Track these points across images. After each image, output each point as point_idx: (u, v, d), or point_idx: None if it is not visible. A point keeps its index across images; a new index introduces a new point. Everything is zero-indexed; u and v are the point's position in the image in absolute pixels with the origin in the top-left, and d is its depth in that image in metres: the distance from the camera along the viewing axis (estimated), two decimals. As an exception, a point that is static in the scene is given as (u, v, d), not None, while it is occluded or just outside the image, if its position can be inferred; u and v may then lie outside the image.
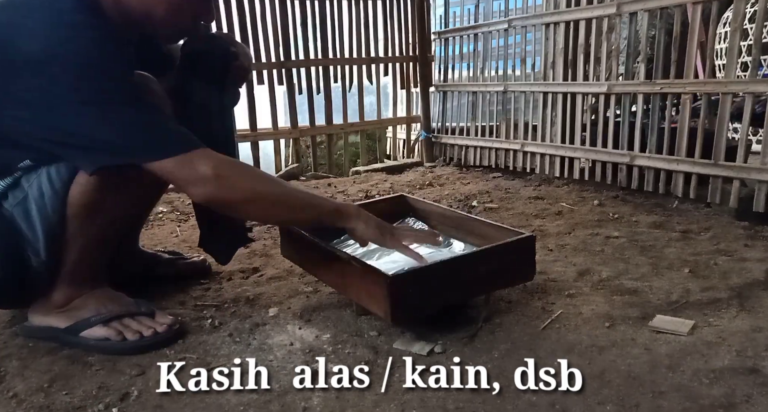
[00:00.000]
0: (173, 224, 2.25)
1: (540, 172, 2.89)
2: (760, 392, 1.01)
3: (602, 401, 1.00)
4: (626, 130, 2.42)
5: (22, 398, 1.07)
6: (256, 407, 1.02)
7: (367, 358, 1.17)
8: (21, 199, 1.15)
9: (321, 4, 3.46)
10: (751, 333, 1.21)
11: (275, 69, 3.36)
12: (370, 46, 3.69)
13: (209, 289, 1.57)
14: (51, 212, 1.15)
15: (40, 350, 1.24)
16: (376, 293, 1.18)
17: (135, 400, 1.06)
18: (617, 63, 2.46)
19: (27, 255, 1.17)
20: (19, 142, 1.09)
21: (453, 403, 1.01)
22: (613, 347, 1.18)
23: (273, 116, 3.40)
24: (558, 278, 1.56)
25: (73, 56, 1.00)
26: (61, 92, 1.01)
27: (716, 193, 2.10)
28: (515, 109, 3.03)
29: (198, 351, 1.22)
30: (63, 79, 1.01)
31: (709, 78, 2.26)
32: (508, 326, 1.29)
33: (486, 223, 1.50)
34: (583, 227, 2.00)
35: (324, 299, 1.47)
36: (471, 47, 3.29)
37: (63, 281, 1.24)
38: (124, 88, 1.07)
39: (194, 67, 1.32)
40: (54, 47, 1.00)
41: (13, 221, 1.15)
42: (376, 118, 3.94)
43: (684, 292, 1.43)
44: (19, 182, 1.15)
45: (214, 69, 1.32)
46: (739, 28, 2.00)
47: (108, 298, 1.29)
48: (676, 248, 1.75)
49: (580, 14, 2.57)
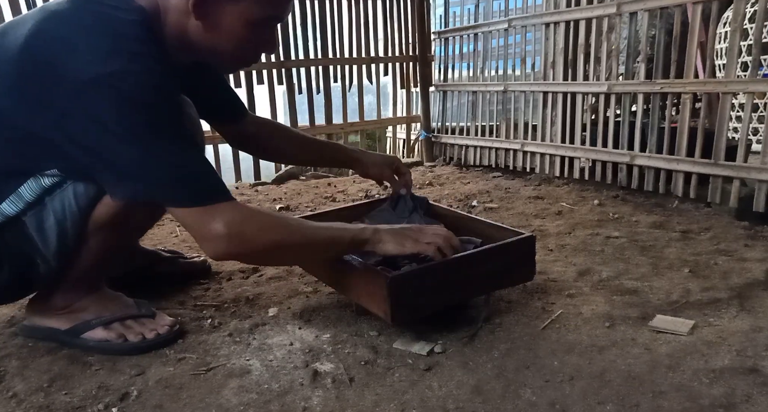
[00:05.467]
0: (173, 224, 2.25)
1: (540, 172, 2.89)
2: (760, 392, 1.01)
3: (602, 401, 1.00)
4: (626, 130, 2.42)
5: (21, 397, 1.07)
6: (256, 407, 1.02)
7: (367, 358, 1.17)
8: (37, 209, 1.13)
9: (321, 4, 3.46)
10: (751, 333, 1.21)
11: (275, 69, 3.36)
12: (370, 45, 3.69)
13: (209, 289, 1.57)
14: (70, 226, 1.14)
15: (39, 349, 1.24)
16: (376, 293, 1.18)
17: (135, 400, 1.06)
18: (617, 63, 2.46)
19: (36, 261, 1.16)
20: (52, 152, 1.07)
21: (453, 403, 1.01)
22: (613, 347, 1.18)
23: (273, 116, 3.40)
24: (558, 278, 1.56)
25: (127, 87, 0.97)
26: (108, 116, 0.98)
27: (716, 193, 2.10)
28: (515, 109, 3.03)
29: (198, 351, 1.22)
30: (113, 105, 0.98)
31: (709, 78, 2.26)
32: (508, 326, 1.29)
33: (486, 223, 1.50)
34: (583, 227, 2.00)
35: (324, 299, 1.47)
36: (471, 47, 3.29)
37: (67, 285, 1.24)
38: (172, 126, 1.04)
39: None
40: (108, 75, 0.97)
41: (24, 228, 1.14)
42: (375, 118, 3.94)
43: (684, 292, 1.43)
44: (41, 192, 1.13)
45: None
46: (739, 28, 2.00)
47: (108, 300, 1.29)
48: (676, 248, 1.75)
49: (580, 14, 2.57)
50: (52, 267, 1.18)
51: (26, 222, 1.14)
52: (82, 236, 1.17)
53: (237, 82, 3.23)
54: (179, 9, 1.07)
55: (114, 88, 0.97)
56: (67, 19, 1.03)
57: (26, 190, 1.11)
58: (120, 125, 0.99)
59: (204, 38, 1.10)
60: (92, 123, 0.99)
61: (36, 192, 1.12)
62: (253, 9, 1.07)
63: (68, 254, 1.18)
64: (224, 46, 1.11)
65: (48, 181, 1.11)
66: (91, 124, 0.99)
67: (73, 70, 0.97)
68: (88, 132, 1.00)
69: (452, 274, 1.23)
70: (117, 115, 0.98)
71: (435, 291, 1.21)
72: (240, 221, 1.06)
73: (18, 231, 1.14)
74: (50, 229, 1.14)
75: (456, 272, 1.23)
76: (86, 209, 1.14)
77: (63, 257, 1.18)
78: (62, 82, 0.98)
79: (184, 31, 1.10)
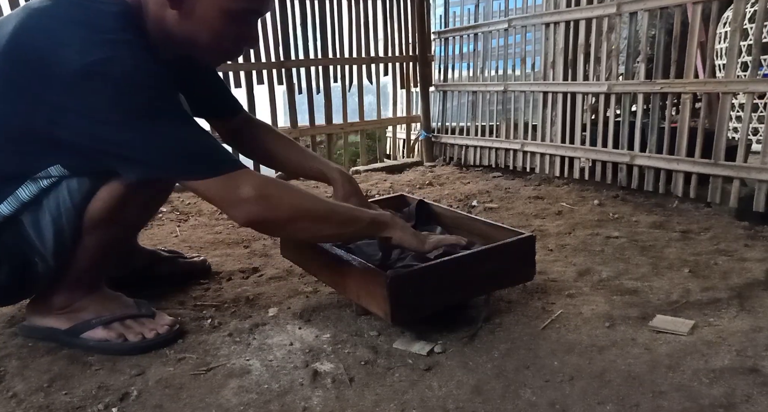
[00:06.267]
0: (173, 224, 2.25)
1: (540, 172, 2.89)
2: (760, 392, 1.01)
3: (602, 401, 1.00)
4: (626, 130, 2.42)
5: (21, 397, 1.07)
6: (256, 407, 1.02)
7: (367, 358, 1.17)
8: (33, 208, 1.14)
9: (321, 4, 3.45)
10: (751, 333, 1.21)
11: (275, 69, 3.35)
12: (370, 45, 3.69)
13: (209, 289, 1.57)
14: (66, 223, 1.14)
15: (39, 349, 1.24)
16: (376, 293, 1.18)
17: (135, 400, 1.06)
18: (617, 63, 2.46)
19: (34, 260, 1.17)
20: (54, 146, 1.07)
21: (453, 403, 1.01)
22: (613, 347, 1.18)
23: (273, 116, 3.39)
24: (558, 278, 1.56)
25: (119, 73, 0.98)
26: (104, 104, 0.99)
27: (716, 192, 2.10)
28: (515, 109, 3.03)
29: (198, 351, 1.22)
30: (107, 92, 0.98)
31: (709, 78, 2.26)
32: (508, 326, 1.29)
33: (486, 223, 1.50)
34: (583, 227, 2.00)
35: (324, 299, 1.47)
36: (471, 47, 3.29)
37: (66, 285, 1.24)
38: (169, 105, 1.06)
39: None
40: (97, 64, 0.98)
41: (22, 227, 1.15)
42: (375, 118, 3.93)
43: (684, 292, 1.43)
44: (38, 192, 1.13)
45: None
46: (739, 28, 2.00)
47: (108, 299, 1.29)
48: (676, 248, 1.75)
49: (580, 14, 2.57)
50: (50, 266, 1.18)
51: (23, 221, 1.14)
52: (78, 233, 1.17)
53: (237, 82, 3.23)
54: (156, 0, 1.09)
55: (105, 75, 0.98)
56: (51, 14, 1.04)
57: (23, 192, 1.12)
58: (118, 110, 1.00)
59: (181, 29, 1.11)
60: (91, 111, 1.00)
61: (33, 192, 1.12)
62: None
63: (66, 252, 1.18)
64: (201, 37, 1.12)
65: (45, 182, 1.12)
66: (90, 112, 1.00)
67: (63, 63, 0.98)
68: (89, 121, 1.01)
69: (452, 274, 1.23)
70: (113, 100, 0.99)
71: (435, 291, 1.21)
72: (265, 184, 1.09)
73: (15, 231, 1.14)
74: (46, 227, 1.14)
75: (456, 272, 1.23)
76: (81, 204, 1.14)
77: (61, 256, 1.18)
78: (54, 76, 0.99)
79: (163, 23, 1.11)
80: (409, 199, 1.74)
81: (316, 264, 1.43)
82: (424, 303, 1.21)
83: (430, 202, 1.69)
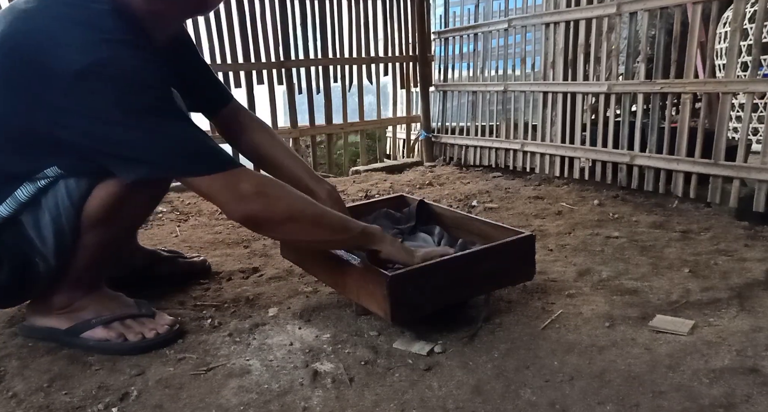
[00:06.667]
0: (173, 224, 2.25)
1: (540, 172, 2.89)
2: (760, 392, 1.01)
3: (602, 401, 1.00)
4: (626, 130, 2.42)
5: (21, 397, 1.07)
6: (256, 407, 1.02)
7: (367, 358, 1.17)
8: (32, 208, 1.14)
9: (321, 4, 3.46)
10: (751, 333, 1.21)
11: (275, 69, 3.35)
12: (370, 45, 3.69)
13: (209, 289, 1.57)
14: (65, 222, 1.15)
15: (39, 349, 1.24)
16: (376, 293, 1.18)
17: (135, 400, 1.06)
18: (617, 63, 2.46)
19: (35, 261, 1.17)
20: (54, 146, 1.08)
21: (453, 403, 1.01)
22: (613, 347, 1.18)
23: (273, 116, 3.40)
24: (558, 278, 1.56)
25: (119, 74, 0.99)
26: (105, 104, 1.00)
27: (716, 192, 2.10)
28: (515, 109, 3.03)
29: (198, 351, 1.22)
30: (107, 92, 0.99)
31: (709, 78, 2.26)
32: (508, 326, 1.29)
33: (486, 222, 1.50)
34: (583, 227, 2.00)
35: (324, 299, 1.47)
36: (471, 47, 3.29)
37: (66, 285, 1.24)
38: (169, 104, 1.07)
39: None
40: (97, 64, 0.98)
41: (22, 227, 1.15)
42: (375, 118, 3.93)
43: (684, 292, 1.43)
44: (35, 192, 1.13)
45: None
46: (739, 28, 2.00)
47: (108, 299, 1.29)
48: (676, 248, 1.75)
49: (580, 14, 2.57)
50: (51, 266, 1.18)
51: (23, 222, 1.14)
52: (78, 232, 1.17)
53: (237, 82, 3.23)
54: None
55: (106, 76, 0.99)
56: (42, 15, 1.03)
57: (22, 192, 1.12)
58: (119, 110, 1.00)
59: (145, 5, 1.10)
60: (92, 112, 1.00)
61: (31, 193, 1.12)
62: None
63: (67, 251, 1.18)
64: (159, 6, 1.12)
65: (43, 182, 1.12)
66: (91, 112, 1.00)
67: (64, 64, 0.98)
68: (89, 121, 1.01)
69: (452, 273, 1.23)
70: (114, 100, 1.00)
71: (435, 290, 1.21)
72: (264, 183, 1.12)
73: (16, 231, 1.14)
74: (46, 227, 1.14)
75: (456, 272, 1.23)
76: (79, 203, 1.15)
77: (62, 255, 1.18)
78: (54, 77, 0.99)
79: (142, 8, 1.10)
80: (409, 199, 1.74)
81: (316, 264, 1.43)
82: (424, 303, 1.21)
83: (431, 202, 1.69)
